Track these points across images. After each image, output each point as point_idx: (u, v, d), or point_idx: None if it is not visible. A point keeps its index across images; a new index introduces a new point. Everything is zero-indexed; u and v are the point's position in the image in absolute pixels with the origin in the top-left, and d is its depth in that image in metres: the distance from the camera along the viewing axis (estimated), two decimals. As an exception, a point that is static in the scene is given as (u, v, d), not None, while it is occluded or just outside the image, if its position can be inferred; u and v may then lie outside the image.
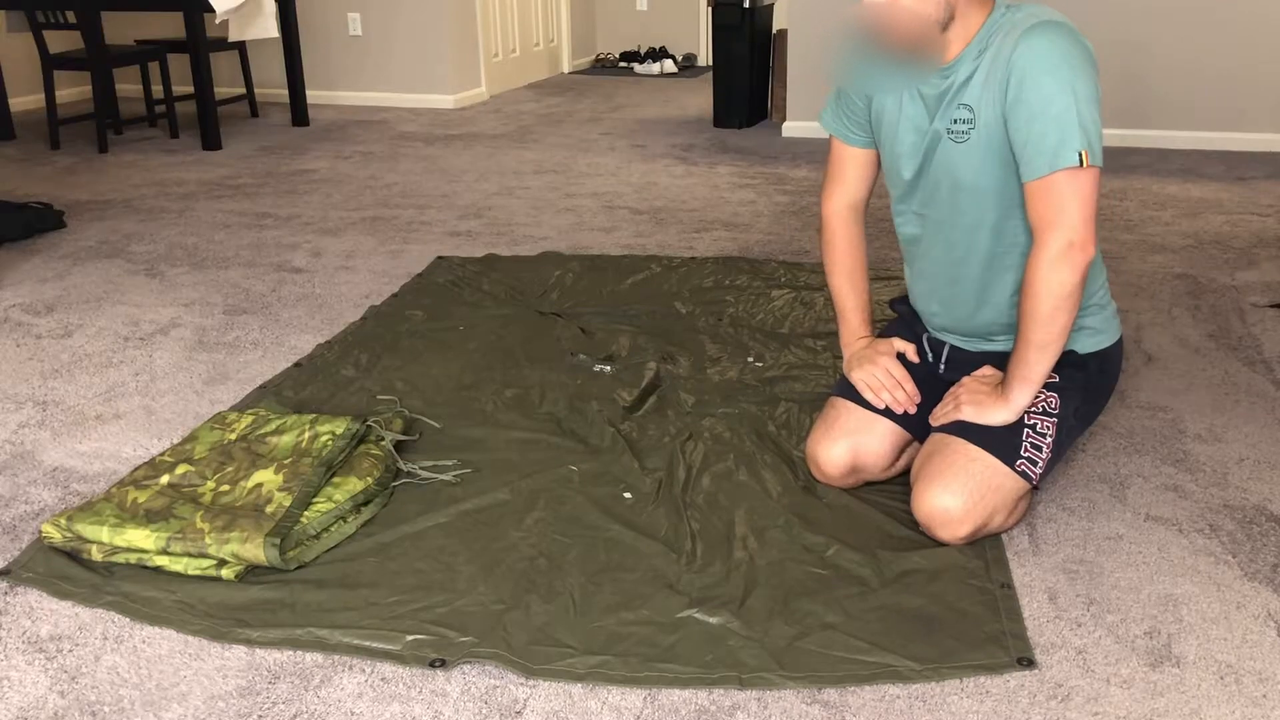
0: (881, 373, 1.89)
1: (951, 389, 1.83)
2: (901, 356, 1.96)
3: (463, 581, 1.66)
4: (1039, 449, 1.73)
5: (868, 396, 1.89)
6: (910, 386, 1.88)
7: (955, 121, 1.71)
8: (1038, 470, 1.73)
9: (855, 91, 1.88)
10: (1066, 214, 1.59)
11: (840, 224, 1.97)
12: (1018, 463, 1.71)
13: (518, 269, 3.23)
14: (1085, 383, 1.83)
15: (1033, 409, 1.74)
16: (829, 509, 1.85)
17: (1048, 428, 1.74)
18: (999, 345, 1.87)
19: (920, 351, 1.98)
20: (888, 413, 1.88)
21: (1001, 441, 1.71)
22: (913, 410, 1.88)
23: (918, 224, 1.88)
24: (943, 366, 1.94)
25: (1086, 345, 1.84)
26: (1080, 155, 1.58)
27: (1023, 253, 1.78)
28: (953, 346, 1.93)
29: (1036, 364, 1.68)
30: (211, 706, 1.41)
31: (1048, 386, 1.76)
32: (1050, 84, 1.59)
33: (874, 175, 1.96)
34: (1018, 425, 1.73)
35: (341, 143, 5.36)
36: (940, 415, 1.79)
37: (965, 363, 1.91)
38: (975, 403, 1.75)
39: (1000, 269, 1.81)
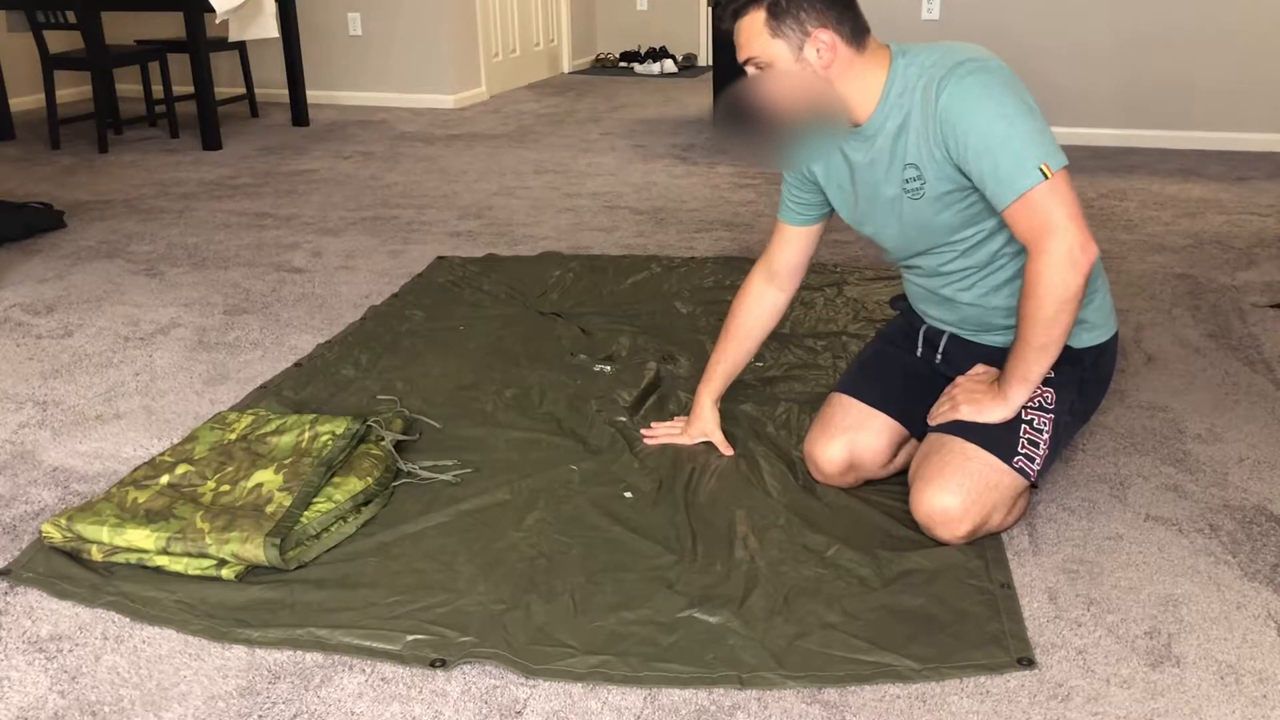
0: (672, 432, 2.11)
1: (947, 389, 1.84)
2: (895, 350, 2.00)
3: (463, 581, 1.66)
4: (1036, 445, 1.73)
5: (647, 439, 2.11)
6: (655, 441, 2.10)
7: (908, 181, 1.73)
8: (1035, 467, 1.73)
9: (794, 175, 1.92)
10: (1054, 222, 1.59)
11: (750, 293, 2.04)
12: (1015, 459, 1.71)
13: (518, 269, 3.23)
14: (1080, 377, 1.83)
15: (1029, 404, 1.74)
16: (829, 509, 1.85)
17: (1044, 423, 1.75)
18: (997, 338, 1.88)
19: (918, 345, 1.99)
20: (885, 408, 1.89)
21: (998, 439, 1.72)
22: (650, 442, 2.09)
23: (901, 258, 1.90)
24: (939, 357, 1.95)
25: (1082, 340, 1.84)
26: (1041, 169, 1.58)
27: (1010, 259, 1.78)
28: (951, 336, 1.93)
29: (1035, 364, 1.68)
30: (211, 706, 1.41)
31: (1043, 381, 1.76)
32: (982, 120, 1.60)
33: (807, 246, 1.99)
34: (1014, 422, 1.73)
35: (341, 143, 5.36)
36: (937, 415, 1.80)
37: (962, 357, 1.91)
38: (972, 401, 1.75)
39: (989, 277, 1.81)
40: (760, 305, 2.02)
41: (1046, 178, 1.58)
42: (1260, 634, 1.53)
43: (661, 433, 2.12)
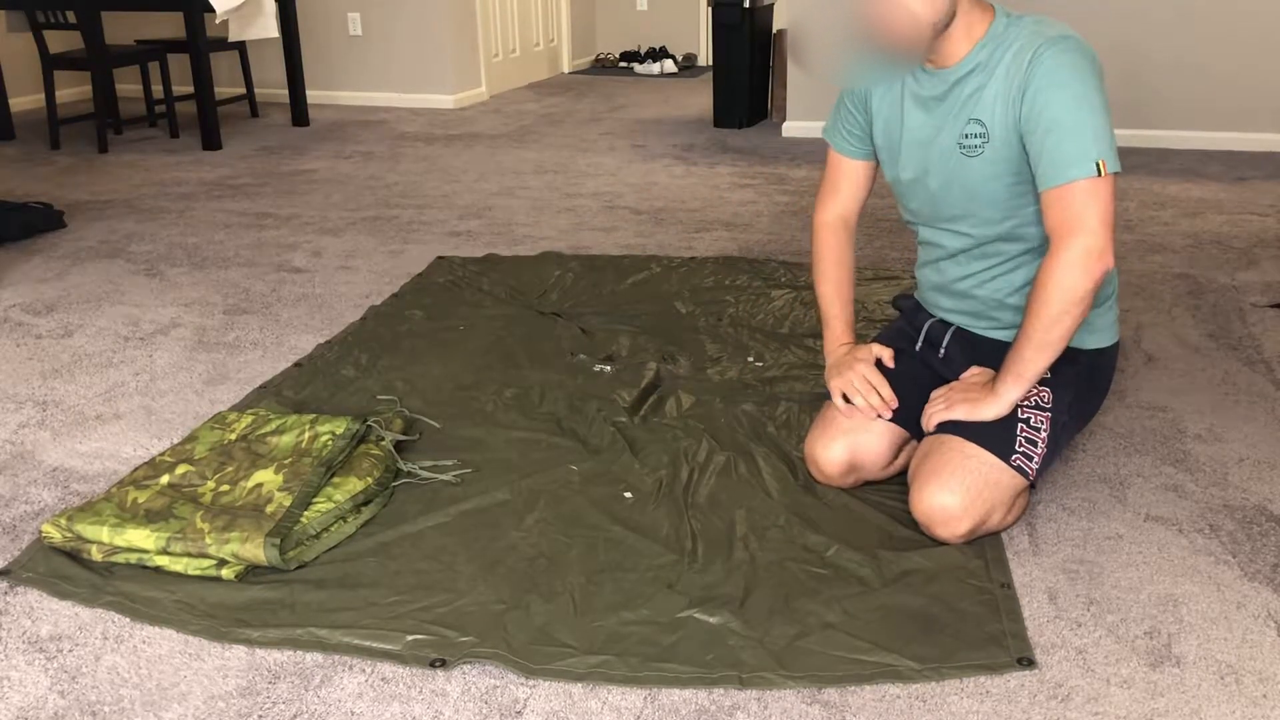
0: (858, 379, 1.88)
1: (939, 390, 1.84)
2: (896, 347, 1.98)
3: (463, 581, 1.66)
4: (1033, 443, 1.73)
5: (839, 405, 1.88)
6: (886, 391, 1.87)
7: (967, 136, 1.73)
8: (1033, 465, 1.73)
9: (852, 98, 1.91)
10: (1085, 222, 1.61)
11: (830, 234, 2.00)
12: (1013, 457, 1.71)
13: (518, 269, 3.23)
14: (1078, 377, 1.84)
15: (1025, 403, 1.74)
16: (829, 509, 1.85)
17: (1041, 422, 1.75)
18: (1004, 333, 1.88)
19: (918, 342, 1.99)
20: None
21: (996, 437, 1.72)
22: (887, 415, 1.87)
23: (929, 230, 1.89)
24: (943, 351, 1.95)
25: (1084, 342, 1.85)
26: (1098, 165, 1.60)
27: (1036, 250, 1.79)
28: (957, 329, 1.93)
29: (1032, 362, 1.69)
30: (211, 706, 1.41)
31: (1040, 381, 1.77)
32: (1065, 97, 1.62)
33: (868, 187, 2.00)
34: (1011, 420, 1.73)
35: (341, 143, 5.36)
36: (931, 416, 1.79)
37: (963, 355, 1.91)
38: (966, 400, 1.76)
39: (1013, 266, 1.82)
40: (845, 243, 1.99)
41: (1099, 174, 1.60)
42: (1260, 634, 1.53)
43: (865, 399, 1.87)
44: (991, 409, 1.73)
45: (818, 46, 1.74)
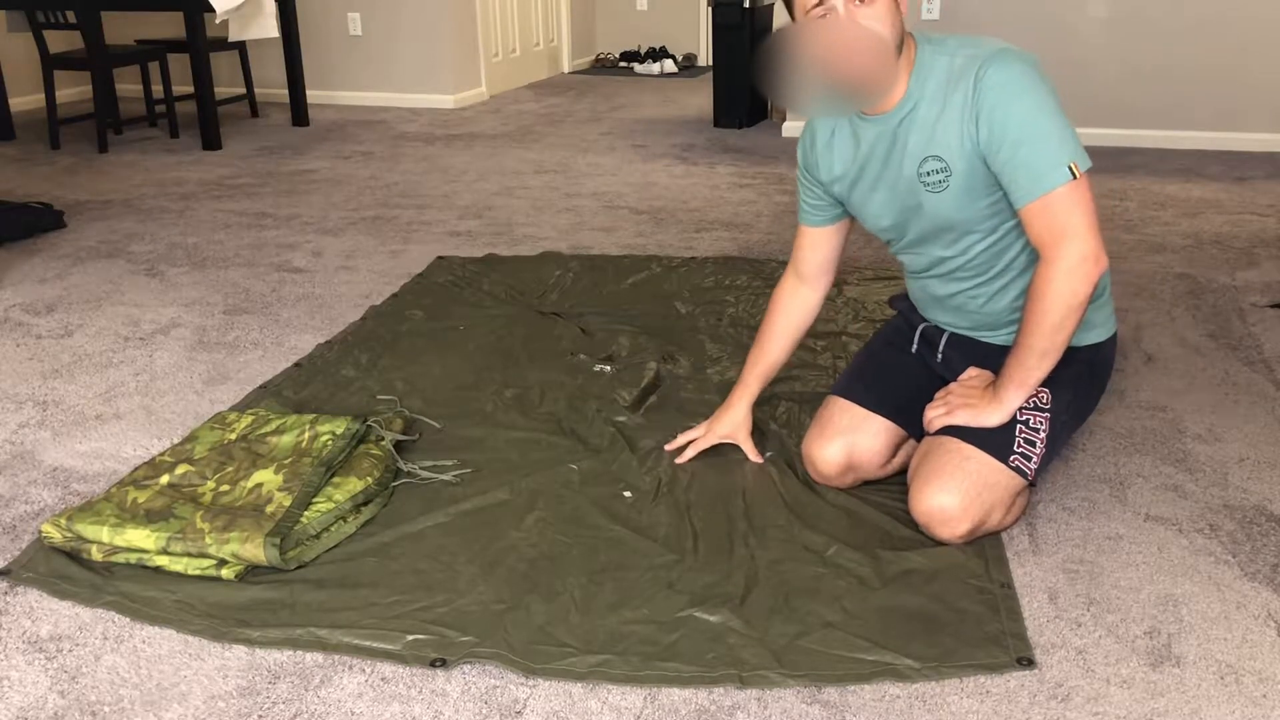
0: (694, 434, 2.05)
1: (939, 393, 1.83)
2: (891, 352, 2.00)
3: (463, 581, 1.66)
4: (1032, 444, 1.73)
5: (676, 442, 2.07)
6: (687, 454, 2.03)
7: (928, 174, 1.72)
8: (1032, 466, 1.73)
9: (806, 173, 1.91)
10: (1072, 228, 1.60)
11: (783, 294, 2.03)
12: (1011, 459, 1.71)
13: (518, 269, 3.23)
14: (1076, 376, 1.83)
15: (1024, 404, 1.74)
16: (829, 508, 1.85)
17: (1040, 423, 1.75)
18: (1000, 337, 1.88)
19: (914, 343, 1.99)
20: (881, 410, 1.89)
21: (994, 438, 1.72)
22: (682, 460, 2.02)
23: (914, 260, 1.89)
24: (939, 357, 1.95)
25: (1081, 339, 1.84)
26: (1070, 169, 1.60)
27: (1023, 260, 1.79)
28: (952, 334, 1.93)
29: (1035, 369, 1.69)
30: (211, 706, 1.41)
31: None
32: (1022, 110, 1.61)
33: (830, 247, 1.98)
34: (1010, 421, 1.73)
35: (341, 143, 5.36)
36: (933, 421, 1.79)
37: (960, 356, 1.91)
38: (967, 406, 1.75)
39: (1002, 279, 1.82)
40: (792, 304, 2.01)
41: (1074, 177, 1.60)
42: (1260, 634, 1.53)
43: (684, 439, 2.07)
44: (994, 416, 1.73)
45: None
